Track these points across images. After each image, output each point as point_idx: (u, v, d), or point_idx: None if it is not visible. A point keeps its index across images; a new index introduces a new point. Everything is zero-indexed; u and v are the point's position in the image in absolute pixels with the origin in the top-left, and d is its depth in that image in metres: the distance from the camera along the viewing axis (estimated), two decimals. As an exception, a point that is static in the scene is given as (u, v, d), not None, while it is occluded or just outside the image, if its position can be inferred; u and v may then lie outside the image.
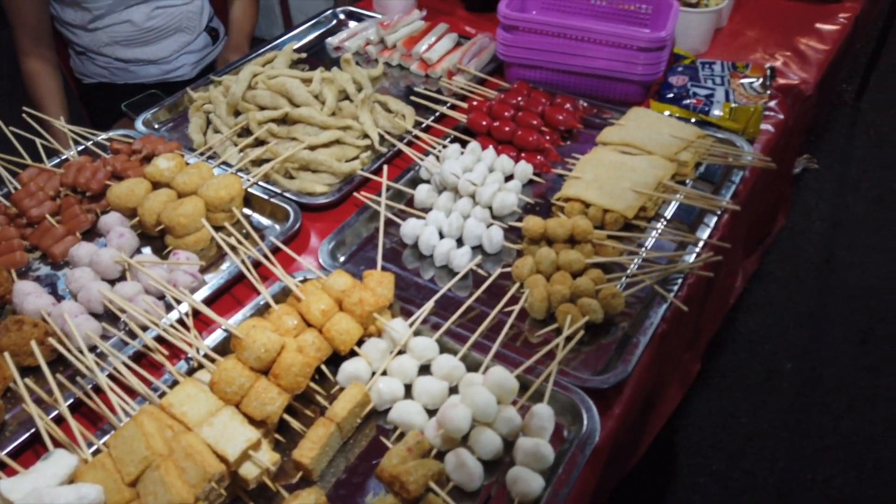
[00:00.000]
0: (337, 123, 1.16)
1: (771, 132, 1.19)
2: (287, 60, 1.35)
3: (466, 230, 0.99)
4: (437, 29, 1.46)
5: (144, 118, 1.27)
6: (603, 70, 1.22)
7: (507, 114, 1.18)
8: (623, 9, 1.31)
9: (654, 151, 1.07)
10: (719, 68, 1.26)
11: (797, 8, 1.54)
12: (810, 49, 1.39)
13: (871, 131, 2.92)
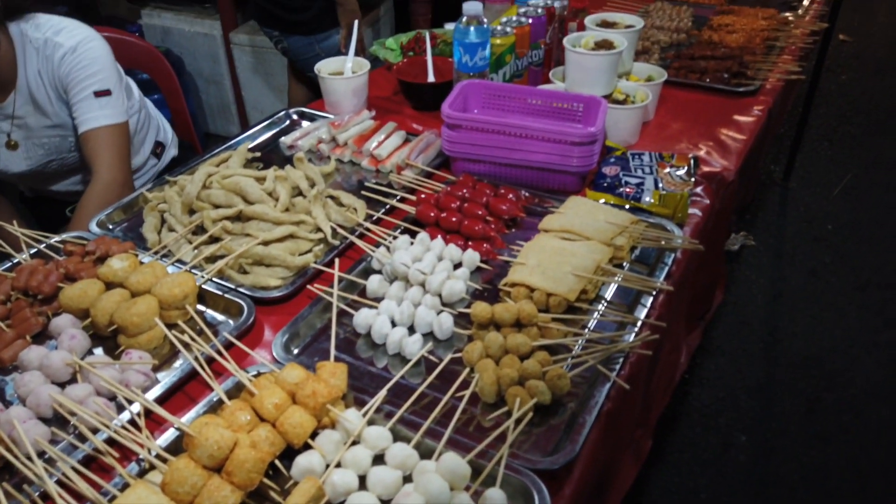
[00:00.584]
0: (290, 219, 1.20)
1: (699, 216, 1.28)
2: (241, 160, 1.40)
3: (417, 318, 1.03)
4: (386, 127, 1.54)
5: (98, 219, 1.29)
6: (541, 163, 1.31)
7: (454, 205, 1.24)
8: (557, 107, 1.41)
9: (592, 237, 1.14)
10: (648, 159, 1.36)
11: (715, 102, 1.68)
12: (730, 139, 1.52)
13: (800, 208, 3.11)
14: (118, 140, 1.51)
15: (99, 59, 1.48)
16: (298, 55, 2.38)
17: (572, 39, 1.55)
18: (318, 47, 2.31)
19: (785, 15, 2.10)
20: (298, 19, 2.26)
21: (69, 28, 1.48)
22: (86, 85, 1.47)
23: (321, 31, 2.30)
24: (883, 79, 4.24)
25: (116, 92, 1.51)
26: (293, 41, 2.34)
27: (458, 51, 1.50)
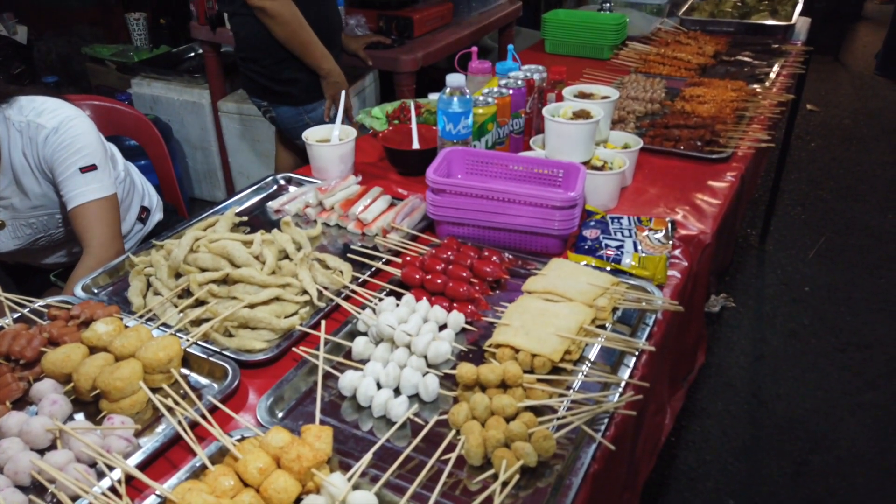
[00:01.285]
0: (276, 281, 1.21)
1: (678, 278, 1.31)
2: (229, 224, 1.42)
3: (403, 380, 1.03)
4: (372, 192, 1.58)
5: (84, 283, 1.29)
6: (524, 226, 1.34)
7: (439, 267, 1.27)
8: (538, 173, 1.46)
9: (574, 298, 1.16)
10: (627, 222, 1.40)
11: (690, 168, 1.74)
12: (705, 203, 1.57)
13: (778, 270, 3.17)
14: (108, 213, 1.52)
15: (82, 136, 1.50)
16: (287, 124, 2.42)
17: (551, 109, 1.61)
18: (306, 117, 2.36)
19: (753, 87, 2.20)
20: (287, 91, 2.31)
21: (50, 109, 1.50)
22: (71, 163, 1.48)
23: (309, 102, 2.34)
24: (850, 147, 4.41)
25: (102, 165, 1.53)
26: (282, 111, 2.39)
27: (443, 119, 1.56)
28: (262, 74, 2.30)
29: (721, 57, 2.57)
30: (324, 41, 2.26)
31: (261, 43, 2.22)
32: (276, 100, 2.36)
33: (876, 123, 4.73)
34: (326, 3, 2.30)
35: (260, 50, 2.24)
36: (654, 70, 2.44)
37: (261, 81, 2.32)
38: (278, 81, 2.29)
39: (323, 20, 2.28)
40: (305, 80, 2.29)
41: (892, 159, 4.23)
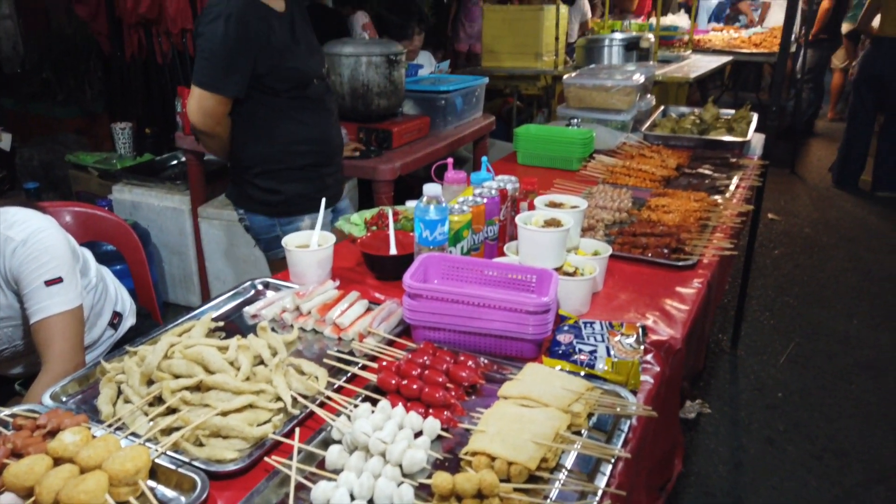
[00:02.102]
0: (250, 388, 1.20)
1: (651, 383, 1.33)
2: (204, 330, 1.42)
3: (377, 490, 1.01)
4: (350, 296, 1.60)
5: (52, 392, 1.26)
6: (499, 331, 1.36)
7: (415, 372, 1.27)
8: (512, 278, 1.50)
9: (549, 404, 1.17)
10: (599, 327, 1.43)
11: (658, 274, 1.80)
12: (674, 309, 1.61)
13: (751, 376, 3.20)
14: (70, 327, 1.52)
15: (51, 249, 1.52)
16: (260, 233, 2.41)
17: (524, 218, 1.67)
18: (279, 230, 2.35)
19: (715, 198, 2.32)
20: (266, 200, 2.33)
21: (21, 220, 1.53)
22: (36, 276, 1.49)
23: (287, 215, 2.35)
24: (812, 254, 4.58)
25: (69, 277, 1.53)
26: (256, 220, 2.38)
27: (419, 226, 1.61)
28: (246, 182, 2.33)
29: (683, 170, 2.72)
30: (322, 161, 2.35)
31: (249, 150, 2.28)
32: (253, 209, 2.37)
33: (834, 232, 4.95)
34: (324, 124, 2.38)
35: (243, 159, 2.30)
36: (621, 181, 2.56)
37: (243, 188, 2.35)
38: (261, 189, 2.32)
39: (323, 142, 2.36)
40: (287, 193, 2.32)
41: (851, 266, 4.39)
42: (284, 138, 2.27)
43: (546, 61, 5.27)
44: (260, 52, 2.10)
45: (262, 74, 2.13)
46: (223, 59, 2.05)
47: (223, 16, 2.03)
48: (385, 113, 3.09)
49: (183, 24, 4.36)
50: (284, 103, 2.24)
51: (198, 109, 2.11)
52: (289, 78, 2.20)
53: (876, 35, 5.50)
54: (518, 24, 5.27)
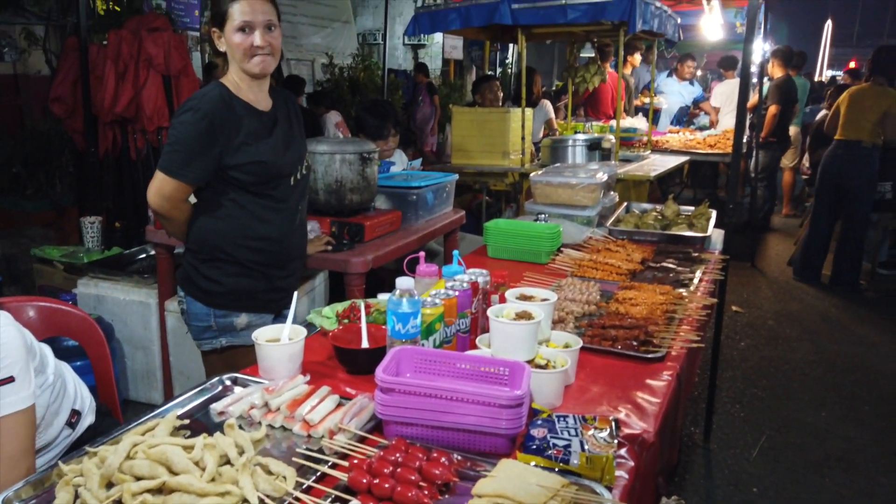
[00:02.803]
0: (215, 490, 1.15)
1: (626, 478, 1.31)
2: (169, 428, 1.37)
3: None
4: (320, 392, 1.57)
5: (5, 496, 1.19)
6: (472, 425, 1.34)
7: (387, 470, 1.24)
8: (485, 371, 1.50)
9: (525, 502, 1.14)
10: (572, 421, 1.42)
11: (629, 367, 1.81)
12: (646, 402, 1.62)
13: (724, 470, 3.17)
14: (21, 428, 1.47)
15: (3, 346, 1.48)
16: (192, 320, 2.34)
17: (495, 310, 1.70)
18: (213, 321, 2.31)
19: (679, 291, 2.38)
20: (206, 288, 2.29)
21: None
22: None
23: (223, 308, 2.31)
24: (776, 346, 4.66)
25: (21, 376, 1.49)
26: (193, 306, 2.33)
27: (392, 319, 1.61)
28: (192, 264, 2.32)
29: (648, 263, 2.79)
30: (273, 261, 2.33)
31: (201, 235, 2.29)
32: (191, 293, 2.33)
33: (797, 325, 5.06)
34: (285, 226, 2.36)
35: (193, 242, 2.31)
36: (589, 274, 2.62)
37: (189, 271, 2.33)
38: (203, 276, 2.30)
39: (278, 243, 2.34)
40: (229, 286, 2.29)
41: (816, 358, 4.47)
42: (239, 231, 2.26)
43: (513, 159, 5.47)
44: (226, 146, 2.16)
45: (227, 166, 2.18)
46: (186, 148, 2.13)
47: (193, 109, 2.13)
48: (358, 208, 3.15)
49: (159, 122, 4.46)
50: (248, 197, 2.25)
51: (157, 192, 2.18)
52: (255, 173, 2.22)
53: (836, 138, 5.82)
54: (486, 125, 5.50)
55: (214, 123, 2.13)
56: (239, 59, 2.17)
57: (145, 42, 4.36)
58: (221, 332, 2.35)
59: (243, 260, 2.29)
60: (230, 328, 2.34)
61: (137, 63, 4.38)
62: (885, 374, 4.24)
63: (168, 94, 4.51)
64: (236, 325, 2.35)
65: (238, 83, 2.23)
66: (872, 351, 4.60)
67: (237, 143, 2.18)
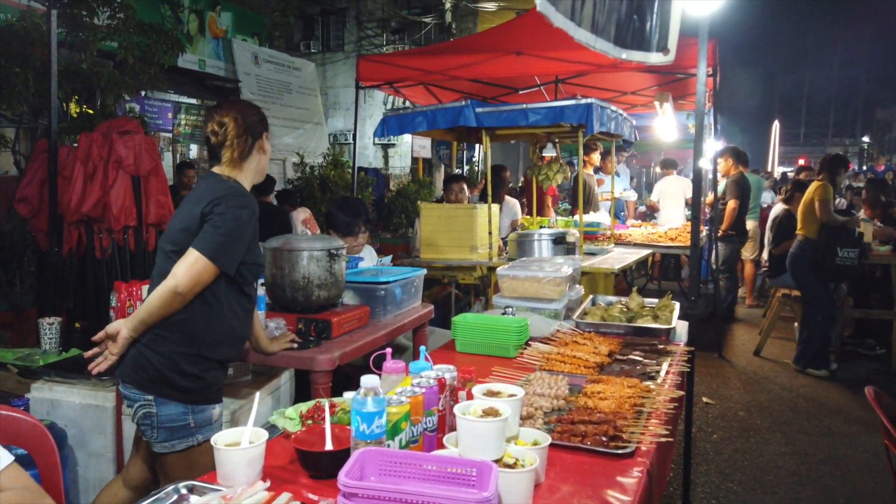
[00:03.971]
0: None
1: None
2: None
3: None
4: (280, 498, 1.50)
5: None
6: (439, 531, 1.29)
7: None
8: (452, 472, 1.46)
9: None
10: (542, 522, 1.38)
11: (599, 463, 1.79)
12: (617, 501, 1.58)
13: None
14: None
15: None
16: (166, 422, 2.25)
17: (462, 408, 1.67)
18: (191, 418, 2.26)
19: (647, 384, 2.38)
20: (187, 385, 2.25)
21: None
22: None
23: (202, 402, 2.29)
24: (749, 438, 4.63)
25: None
26: (167, 407, 2.25)
27: (356, 420, 1.58)
28: (168, 366, 2.24)
29: (615, 356, 2.80)
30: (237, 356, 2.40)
31: (193, 331, 2.26)
32: (165, 394, 2.25)
33: (767, 416, 5.06)
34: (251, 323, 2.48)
35: (175, 339, 2.26)
36: (557, 368, 2.61)
37: (162, 371, 2.24)
38: (181, 374, 2.25)
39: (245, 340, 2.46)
40: (208, 380, 2.31)
41: (788, 450, 4.44)
42: (226, 329, 2.35)
43: (481, 253, 5.55)
44: (249, 245, 2.35)
45: (241, 263, 2.33)
46: (236, 239, 2.26)
47: (249, 207, 2.31)
48: (325, 304, 3.14)
49: (126, 221, 4.46)
50: (238, 297, 2.38)
51: (191, 272, 2.20)
52: (255, 273, 2.42)
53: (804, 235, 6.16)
54: (453, 221, 5.61)
55: (254, 219, 2.34)
56: (264, 163, 2.49)
57: (116, 144, 4.42)
58: (199, 428, 2.31)
59: (222, 357, 2.37)
60: (207, 422, 2.33)
61: (107, 164, 4.42)
62: (857, 465, 4.22)
63: (136, 194, 4.54)
64: (213, 418, 2.36)
65: (248, 184, 2.44)
66: (843, 441, 4.60)
67: (252, 244, 2.37)
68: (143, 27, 6.49)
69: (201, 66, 12.32)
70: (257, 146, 2.44)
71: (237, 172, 2.39)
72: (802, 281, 6.15)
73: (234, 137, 2.35)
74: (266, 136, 2.48)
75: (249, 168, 2.44)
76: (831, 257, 5.87)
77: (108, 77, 6.10)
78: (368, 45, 19.48)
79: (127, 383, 2.31)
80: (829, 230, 5.92)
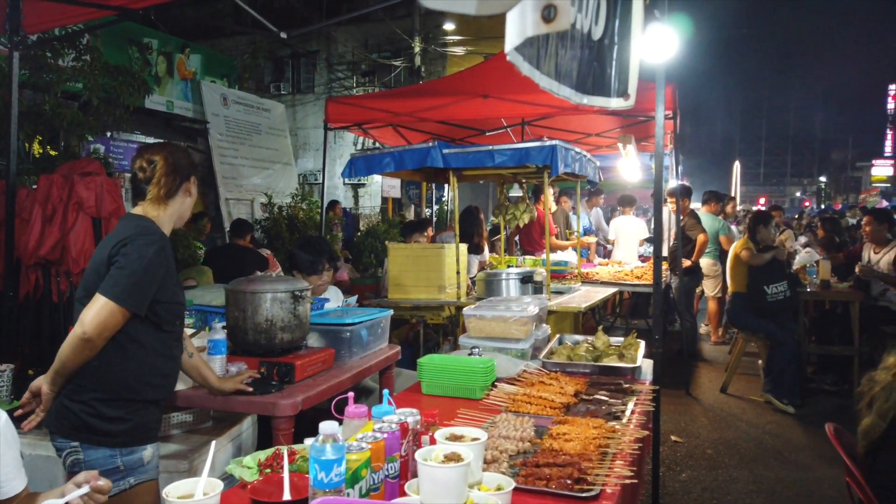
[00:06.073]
0: None
1: None
2: None
3: None
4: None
5: None
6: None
7: None
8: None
9: None
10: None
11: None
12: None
13: None
14: None
15: None
16: (95, 468, 2.21)
17: (423, 453, 1.64)
18: (120, 460, 2.21)
19: (612, 424, 2.37)
20: (110, 429, 2.20)
21: None
22: None
23: (130, 444, 2.23)
24: (717, 476, 4.63)
25: None
26: (94, 453, 2.20)
27: (314, 468, 1.54)
28: (86, 410, 2.21)
29: (581, 396, 2.80)
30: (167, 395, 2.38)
31: (108, 375, 2.22)
32: (92, 440, 2.21)
33: (735, 453, 5.08)
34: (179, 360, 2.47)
35: (91, 383, 2.22)
36: (523, 409, 2.59)
37: (83, 417, 2.21)
38: (105, 418, 2.21)
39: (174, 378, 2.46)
40: (134, 422, 2.25)
41: (756, 488, 4.45)
42: (147, 369, 2.30)
43: (449, 293, 5.55)
44: (162, 283, 2.29)
45: (154, 302, 2.27)
46: (144, 279, 2.21)
47: (156, 244, 2.26)
48: (289, 346, 3.09)
49: (85, 264, 4.35)
50: (158, 336, 2.33)
51: (98, 317, 2.14)
52: (173, 312, 2.36)
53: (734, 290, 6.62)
54: (421, 261, 5.61)
55: (166, 259, 2.29)
56: (187, 208, 2.47)
57: (77, 186, 4.36)
58: (129, 471, 2.26)
59: (147, 398, 2.31)
60: (138, 464, 2.27)
61: (66, 206, 4.35)
62: (823, 501, 4.24)
63: (97, 237, 4.45)
64: (144, 460, 2.29)
65: (167, 225, 2.41)
66: (808, 476, 4.63)
67: (167, 280, 2.31)
68: (109, 69, 6.48)
69: (169, 108, 12.30)
70: (184, 188, 2.44)
71: (160, 211, 2.39)
72: (753, 328, 6.42)
73: (163, 175, 2.36)
74: (193, 180, 2.48)
75: (173, 208, 2.43)
76: (762, 298, 6.23)
77: (71, 118, 6.05)
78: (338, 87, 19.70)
79: (54, 434, 2.30)
80: (754, 273, 6.28)
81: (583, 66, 2.96)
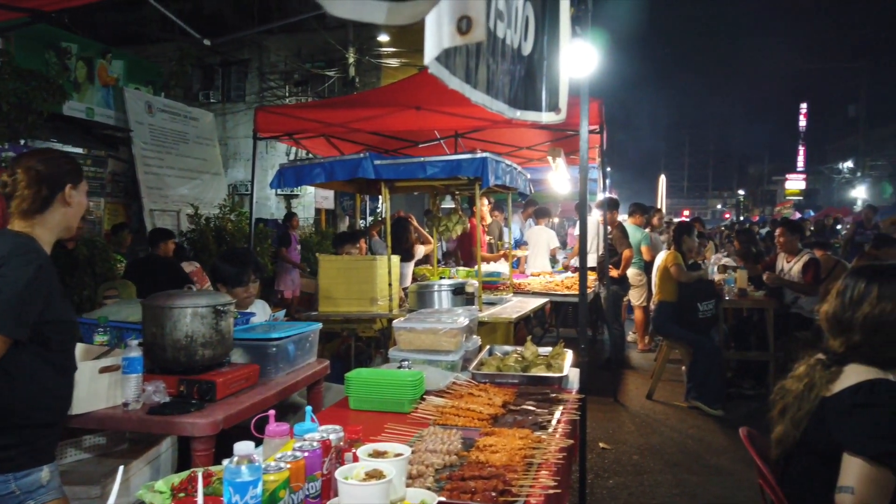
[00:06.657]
0: None
1: None
2: None
3: None
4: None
5: None
6: None
7: None
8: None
9: None
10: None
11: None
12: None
13: None
14: None
15: None
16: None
17: (344, 471, 1.61)
18: (14, 485, 2.09)
19: (538, 434, 2.39)
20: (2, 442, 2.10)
21: None
22: None
23: (24, 467, 2.12)
24: (643, 481, 4.75)
25: None
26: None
27: (228, 491, 1.48)
28: None
29: (509, 406, 2.81)
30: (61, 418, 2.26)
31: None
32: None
33: (659, 458, 5.22)
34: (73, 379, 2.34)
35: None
36: (451, 422, 2.58)
37: None
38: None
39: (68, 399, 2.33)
40: (28, 444, 2.12)
41: (678, 491, 4.59)
42: (38, 392, 2.18)
43: (381, 305, 5.50)
44: (47, 302, 2.15)
45: (40, 323, 2.14)
46: (24, 301, 2.06)
47: (34, 263, 2.09)
48: (210, 363, 2.98)
49: None
50: (47, 357, 2.20)
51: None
52: (62, 330, 2.23)
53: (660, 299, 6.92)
54: (353, 273, 5.55)
55: (47, 278, 2.12)
56: (72, 218, 2.28)
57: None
58: (26, 494, 2.12)
59: (37, 421, 2.18)
60: (36, 485, 2.14)
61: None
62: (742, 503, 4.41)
63: None
64: (41, 481, 2.16)
65: (48, 240, 2.25)
66: (729, 480, 4.80)
67: (52, 300, 2.17)
68: (21, 73, 6.15)
69: (89, 115, 11.78)
70: (59, 198, 2.24)
71: (33, 226, 2.21)
72: (676, 336, 6.71)
73: (24, 188, 2.18)
74: (72, 187, 2.27)
75: (51, 221, 2.24)
76: (693, 312, 6.55)
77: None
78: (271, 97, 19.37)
79: None
80: (688, 289, 6.61)
81: (515, 80, 3.01)
